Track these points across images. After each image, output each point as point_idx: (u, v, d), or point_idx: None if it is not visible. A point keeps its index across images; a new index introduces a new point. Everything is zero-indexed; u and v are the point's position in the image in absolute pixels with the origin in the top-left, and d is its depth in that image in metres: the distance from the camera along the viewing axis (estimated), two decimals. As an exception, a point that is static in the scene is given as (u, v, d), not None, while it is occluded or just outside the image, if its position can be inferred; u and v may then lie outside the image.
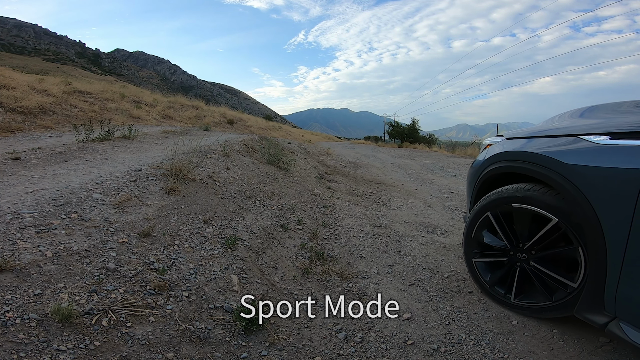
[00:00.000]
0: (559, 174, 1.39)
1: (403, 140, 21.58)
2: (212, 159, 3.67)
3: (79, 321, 1.19)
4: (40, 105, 5.71)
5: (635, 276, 1.21)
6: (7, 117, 4.91)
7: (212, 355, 1.27)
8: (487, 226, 1.79)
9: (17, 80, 6.63)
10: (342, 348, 1.49)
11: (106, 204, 2.03)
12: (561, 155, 1.41)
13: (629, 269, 1.21)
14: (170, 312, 1.40)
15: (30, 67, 34.66)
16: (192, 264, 1.76)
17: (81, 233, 1.67)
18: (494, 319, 1.73)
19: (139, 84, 72.85)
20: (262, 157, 4.79)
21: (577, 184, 1.31)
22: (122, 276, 1.48)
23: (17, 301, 1.19)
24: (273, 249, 2.26)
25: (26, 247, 1.46)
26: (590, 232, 1.29)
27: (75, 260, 1.48)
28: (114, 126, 4.59)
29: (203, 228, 2.17)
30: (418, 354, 1.48)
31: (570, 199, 1.35)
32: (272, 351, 1.39)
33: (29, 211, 1.74)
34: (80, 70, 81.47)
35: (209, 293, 1.59)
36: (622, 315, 1.27)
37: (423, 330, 1.64)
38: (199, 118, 11.08)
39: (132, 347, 1.18)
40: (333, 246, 2.56)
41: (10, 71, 7.73)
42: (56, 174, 2.61)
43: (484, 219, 1.77)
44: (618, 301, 1.27)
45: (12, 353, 1.01)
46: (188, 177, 2.78)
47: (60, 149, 3.46)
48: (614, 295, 1.27)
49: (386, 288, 2.01)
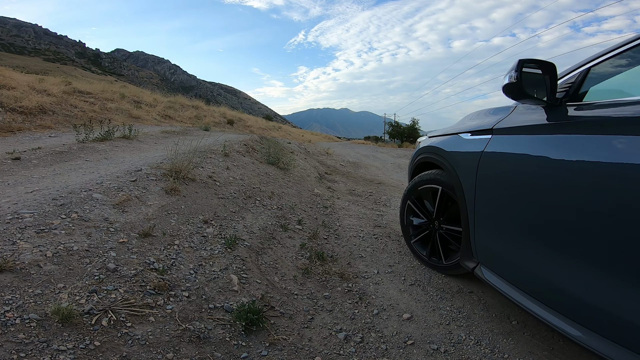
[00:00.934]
0: (445, 159, 1.95)
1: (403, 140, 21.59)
2: (212, 159, 3.67)
3: (79, 321, 1.19)
4: (40, 105, 5.71)
5: (484, 226, 1.57)
6: (7, 117, 4.91)
7: (212, 355, 1.27)
8: (411, 212, 2.31)
9: (17, 80, 6.63)
10: (342, 348, 1.49)
11: (106, 204, 2.03)
12: (447, 146, 1.97)
13: (479, 221, 1.60)
14: (170, 312, 1.40)
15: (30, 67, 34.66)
16: (192, 264, 1.76)
17: (81, 233, 1.67)
18: (494, 319, 1.73)
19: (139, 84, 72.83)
20: (262, 157, 4.79)
21: (452, 164, 1.86)
22: (122, 276, 1.48)
23: (17, 301, 1.19)
24: (273, 249, 2.26)
25: (26, 247, 1.46)
26: (460, 195, 1.76)
27: (75, 260, 1.48)
28: (114, 126, 4.59)
29: (203, 228, 2.17)
30: (418, 354, 1.48)
31: (450, 174, 1.88)
32: (272, 351, 1.39)
33: (29, 211, 1.74)
34: (80, 70, 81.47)
35: (209, 293, 1.59)
36: (482, 260, 1.62)
37: (423, 330, 1.64)
38: (199, 118, 11.08)
39: (132, 347, 1.18)
40: (333, 246, 2.56)
41: (10, 71, 7.74)
42: (56, 174, 2.61)
43: (408, 207, 2.33)
44: (477, 248, 1.62)
45: (12, 353, 1.01)
46: (188, 177, 2.78)
47: (61, 149, 3.46)
48: (475, 244, 1.64)
49: (386, 288, 2.01)
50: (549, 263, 1.21)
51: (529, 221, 1.31)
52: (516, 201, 1.37)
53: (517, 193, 1.37)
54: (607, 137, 1.07)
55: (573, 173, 1.13)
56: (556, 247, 1.18)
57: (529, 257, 1.31)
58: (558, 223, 1.18)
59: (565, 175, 1.15)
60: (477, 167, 1.61)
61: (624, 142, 1.01)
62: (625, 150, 0.99)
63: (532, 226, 1.29)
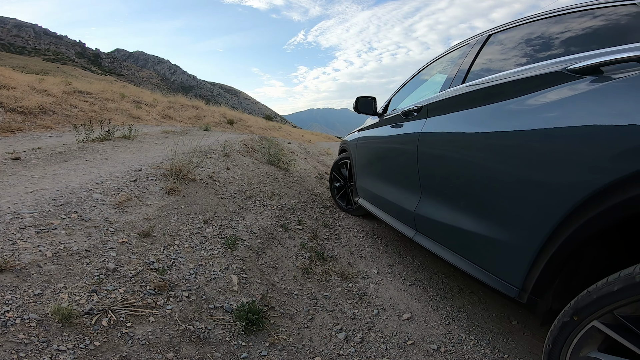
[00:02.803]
0: (348, 145, 3.23)
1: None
2: (212, 159, 3.67)
3: (79, 321, 1.19)
4: (40, 105, 5.71)
5: (358, 176, 2.86)
6: (7, 117, 4.91)
7: (212, 355, 1.27)
8: (334, 179, 3.51)
9: (17, 80, 6.63)
10: (342, 348, 1.49)
11: (106, 204, 2.03)
12: (349, 139, 3.26)
13: (356, 173, 2.91)
14: (170, 312, 1.39)
15: (30, 67, 34.68)
16: (192, 264, 1.76)
17: (81, 233, 1.67)
18: (494, 319, 1.73)
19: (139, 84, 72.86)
20: (262, 157, 4.79)
21: (349, 148, 3.16)
22: (122, 276, 1.48)
23: (17, 301, 1.19)
24: (273, 249, 2.26)
25: (26, 247, 1.46)
26: (351, 163, 3.07)
27: (75, 260, 1.48)
28: (114, 126, 4.59)
29: (203, 228, 2.17)
30: (418, 354, 1.48)
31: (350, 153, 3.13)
32: (272, 351, 1.39)
33: (29, 211, 1.74)
34: (80, 70, 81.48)
35: (209, 293, 1.59)
36: (359, 194, 2.86)
37: (423, 330, 1.64)
38: (199, 118, 11.08)
39: (132, 347, 1.18)
40: (333, 246, 2.56)
41: (10, 71, 7.74)
42: (56, 174, 2.61)
43: (333, 176, 3.54)
44: (357, 189, 2.89)
45: (12, 353, 1.01)
46: (188, 177, 2.78)
47: (61, 149, 3.46)
48: (356, 187, 2.92)
49: (386, 288, 2.01)
50: (376, 186, 2.41)
51: (369, 168, 2.63)
52: (366, 160, 2.72)
53: (366, 155, 2.71)
54: (389, 126, 2.30)
55: (380, 142, 2.44)
56: (378, 177, 2.41)
57: (369, 183, 2.58)
58: (377, 166, 2.46)
59: (378, 144, 2.50)
60: (355, 147, 2.95)
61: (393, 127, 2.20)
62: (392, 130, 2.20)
63: (370, 169, 2.60)
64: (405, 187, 1.93)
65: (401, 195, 1.96)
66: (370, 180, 2.54)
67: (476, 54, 1.74)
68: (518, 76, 1.29)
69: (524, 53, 1.48)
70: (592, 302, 0.82)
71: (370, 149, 2.62)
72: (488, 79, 1.46)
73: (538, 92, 1.17)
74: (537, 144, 1.08)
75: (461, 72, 1.76)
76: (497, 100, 1.33)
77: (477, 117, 1.41)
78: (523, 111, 1.19)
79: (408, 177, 1.87)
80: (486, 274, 1.27)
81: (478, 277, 1.30)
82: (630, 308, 0.75)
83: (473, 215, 1.34)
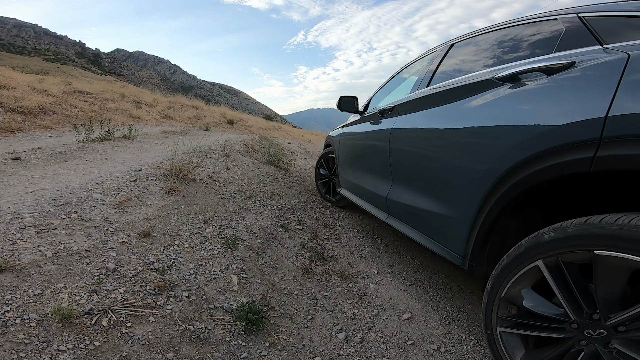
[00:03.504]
0: (332, 140, 3.49)
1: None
2: (212, 159, 3.67)
3: (79, 321, 1.19)
4: (40, 105, 5.71)
5: (340, 167, 3.12)
6: (7, 117, 4.91)
7: (212, 355, 1.27)
8: (321, 167, 3.78)
9: (17, 80, 6.63)
10: (342, 348, 1.49)
11: (106, 204, 2.03)
12: (332, 134, 3.56)
13: (339, 166, 3.16)
14: (170, 312, 1.39)
15: (30, 67, 34.67)
16: (192, 264, 1.76)
17: (81, 233, 1.67)
18: (494, 319, 1.73)
19: (139, 84, 72.85)
20: (262, 157, 4.79)
21: (333, 143, 3.43)
22: (122, 276, 1.48)
23: (17, 301, 1.19)
24: (273, 249, 2.26)
25: (26, 247, 1.46)
26: (334, 157, 3.34)
27: (75, 260, 1.48)
28: (114, 126, 4.59)
29: (203, 228, 2.17)
30: (418, 354, 1.48)
31: (333, 146, 3.43)
32: (272, 351, 1.39)
33: (29, 211, 1.74)
34: (80, 70, 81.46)
35: (209, 293, 1.59)
36: (342, 185, 3.09)
37: (423, 330, 1.64)
38: (199, 118, 11.08)
39: (132, 347, 1.18)
40: (333, 246, 2.56)
41: (10, 71, 7.73)
42: (56, 174, 2.61)
43: (319, 165, 3.80)
44: (340, 180, 3.14)
45: (12, 353, 1.01)
46: (188, 177, 2.78)
47: (61, 149, 3.46)
48: (339, 178, 3.17)
49: (386, 288, 2.01)
50: (356, 176, 2.68)
51: (350, 160, 2.88)
52: (347, 153, 2.95)
53: (347, 150, 2.96)
54: (368, 123, 2.53)
55: (360, 137, 2.67)
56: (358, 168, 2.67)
57: (349, 175, 2.86)
58: (357, 158, 2.72)
59: (358, 139, 2.73)
60: (339, 142, 3.21)
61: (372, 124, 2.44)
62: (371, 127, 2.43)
63: (351, 162, 2.86)
64: (379, 177, 2.19)
65: (376, 183, 2.23)
66: (351, 172, 2.80)
67: (440, 61, 1.99)
68: (464, 82, 1.53)
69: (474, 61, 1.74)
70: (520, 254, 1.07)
71: (351, 143, 2.89)
72: (444, 84, 1.72)
73: (475, 96, 1.42)
74: (469, 139, 1.36)
75: (427, 76, 2.00)
76: (447, 102, 1.58)
77: (432, 116, 1.68)
78: (463, 111, 1.45)
79: (382, 168, 2.15)
80: (440, 246, 1.53)
81: (434, 250, 1.56)
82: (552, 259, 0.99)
83: (428, 197, 1.62)
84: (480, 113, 1.35)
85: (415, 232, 1.75)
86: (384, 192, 2.07)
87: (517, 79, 1.24)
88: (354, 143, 2.81)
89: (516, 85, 1.23)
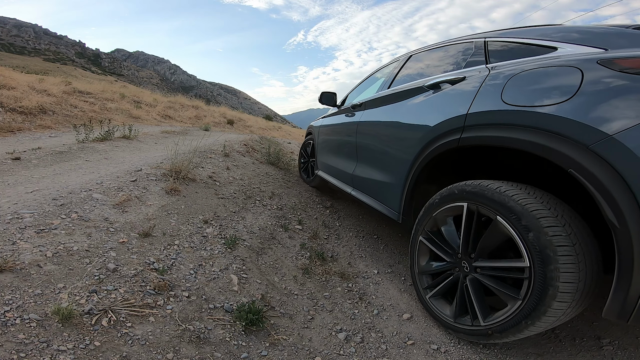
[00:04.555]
0: (313, 130, 3.94)
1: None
2: (212, 159, 3.67)
3: (79, 321, 1.19)
4: (40, 105, 5.70)
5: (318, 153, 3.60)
6: (7, 117, 4.91)
7: (212, 355, 1.27)
8: (302, 157, 4.31)
9: (17, 80, 6.63)
10: (343, 348, 1.49)
11: (106, 204, 2.03)
12: (314, 124, 3.99)
13: (317, 151, 3.64)
14: (170, 312, 1.39)
15: (30, 67, 34.65)
16: (192, 264, 1.76)
17: (81, 233, 1.67)
18: (494, 319, 1.73)
19: (139, 84, 72.80)
20: (263, 157, 4.79)
21: (314, 132, 3.89)
22: (122, 276, 1.48)
23: (17, 301, 1.19)
24: (273, 249, 2.26)
25: (26, 247, 1.46)
26: (315, 143, 3.79)
27: (75, 260, 1.48)
28: (114, 126, 4.59)
29: (203, 228, 2.17)
30: (418, 354, 1.48)
31: (313, 134, 3.92)
32: (272, 351, 1.39)
33: (29, 211, 1.74)
34: (80, 70, 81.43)
35: (209, 293, 1.59)
36: (319, 167, 3.52)
37: (423, 330, 1.64)
38: (199, 118, 11.07)
39: (132, 347, 1.18)
40: (333, 246, 2.56)
41: (10, 71, 7.74)
42: (56, 174, 2.61)
43: (301, 152, 4.34)
44: (318, 163, 3.58)
45: (12, 353, 1.01)
46: (188, 177, 2.78)
47: (61, 149, 3.46)
48: (317, 161, 3.61)
49: (386, 288, 2.01)
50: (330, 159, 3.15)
51: (327, 146, 3.34)
52: (324, 140, 3.45)
53: (325, 137, 3.44)
54: (343, 115, 2.99)
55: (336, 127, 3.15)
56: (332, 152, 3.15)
57: (325, 158, 3.32)
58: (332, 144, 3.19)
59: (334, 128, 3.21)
60: (318, 131, 3.71)
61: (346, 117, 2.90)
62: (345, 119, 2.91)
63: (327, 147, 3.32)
64: (348, 158, 2.72)
65: (345, 164, 2.74)
66: (327, 155, 3.32)
67: (400, 67, 2.47)
68: (408, 87, 2.07)
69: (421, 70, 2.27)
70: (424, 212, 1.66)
71: (329, 132, 3.41)
72: (397, 87, 2.24)
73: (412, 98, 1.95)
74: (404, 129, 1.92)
75: (389, 79, 2.49)
76: (396, 101, 2.11)
77: (386, 111, 2.21)
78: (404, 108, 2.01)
79: (350, 151, 2.68)
80: (385, 207, 2.07)
81: (381, 210, 2.10)
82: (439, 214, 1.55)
83: (379, 171, 2.17)
84: (413, 110, 1.91)
85: (370, 199, 2.27)
86: (350, 170, 2.59)
87: (438, 87, 1.75)
88: (331, 132, 3.32)
89: (435, 91, 1.76)
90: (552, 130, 1.13)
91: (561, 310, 1.14)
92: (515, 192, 1.23)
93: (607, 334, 1.58)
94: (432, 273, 1.65)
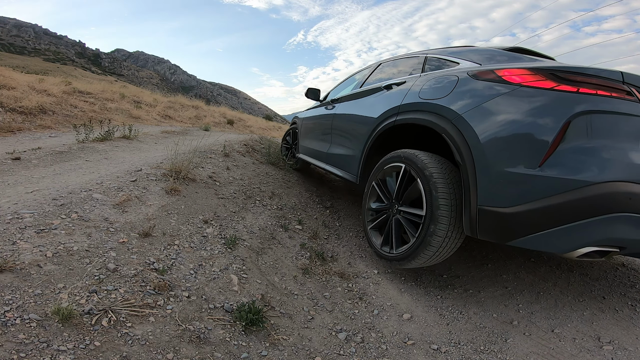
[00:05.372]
0: (298, 120, 4.61)
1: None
2: (212, 159, 3.67)
3: (79, 321, 1.19)
4: (40, 105, 5.70)
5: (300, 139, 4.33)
6: (7, 117, 4.91)
7: (212, 355, 1.27)
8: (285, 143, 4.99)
9: (17, 80, 6.63)
10: (343, 348, 1.49)
11: (106, 204, 2.03)
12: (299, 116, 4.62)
13: (300, 138, 4.37)
14: (170, 312, 1.39)
15: (30, 67, 34.63)
16: (192, 264, 1.76)
17: (81, 233, 1.67)
18: (494, 319, 1.73)
19: (139, 84, 72.73)
20: (263, 157, 4.79)
21: (298, 122, 4.58)
22: (122, 276, 1.48)
23: (17, 301, 1.19)
24: (273, 249, 2.26)
25: (26, 247, 1.46)
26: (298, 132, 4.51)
27: (75, 260, 1.48)
28: (114, 126, 4.58)
29: (203, 228, 2.17)
30: (418, 354, 1.48)
31: (297, 124, 4.59)
32: (273, 351, 1.39)
33: (29, 211, 1.74)
34: (80, 70, 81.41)
35: (209, 293, 1.59)
36: (300, 151, 4.24)
37: (423, 330, 1.64)
38: (199, 118, 11.07)
39: (132, 347, 1.18)
40: (333, 246, 2.56)
41: (10, 71, 7.73)
42: (56, 174, 2.61)
43: (284, 138, 5.11)
44: (299, 147, 4.31)
45: (12, 353, 1.01)
46: (188, 177, 2.78)
47: (61, 149, 3.46)
48: (298, 146, 4.37)
49: (386, 288, 2.01)
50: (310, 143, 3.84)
51: (308, 133, 4.02)
52: (306, 128, 4.13)
53: (307, 125, 4.13)
54: (323, 108, 3.69)
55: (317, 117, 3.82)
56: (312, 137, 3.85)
57: (307, 142, 3.98)
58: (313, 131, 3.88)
59: (315, 118, 3.87)
60: (302, 121, 4.33)
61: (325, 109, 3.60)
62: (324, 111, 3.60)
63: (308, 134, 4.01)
64: (324, 141, 3.38)
65: (322, 145, 3.41)
66: (309, 140, 3.96)
67: (371, 72, 3.18)
68: (371, 87, 2.79)
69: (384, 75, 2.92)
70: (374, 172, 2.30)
71: (310, 121, 4.05)
72: (366, 87, 2.96)
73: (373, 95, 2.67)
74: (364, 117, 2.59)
75: (362, 80, 3.21)
76: (362, 97, 2.85)
77: (355, 105, 2.92)
78: (366, 102, 2.73)
79: (326, 136, 3.36)
80: (348, 174, 2.74)
81: (345, 177, 2.77)
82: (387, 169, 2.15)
83: (345, 148, 2.88)
84: (372, 103, 2.58)
85: (338, 170, 2.96)
86: (326, 149, 3.29)
87: (390, 87, 2.45)
88: (313, 121, 3.97)
89: (388, 90, 2.46)
90: (437, 112, 1.82)
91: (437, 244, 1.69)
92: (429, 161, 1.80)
93: (607, 334, 1.58)
94: (374, 209, 2.22)
